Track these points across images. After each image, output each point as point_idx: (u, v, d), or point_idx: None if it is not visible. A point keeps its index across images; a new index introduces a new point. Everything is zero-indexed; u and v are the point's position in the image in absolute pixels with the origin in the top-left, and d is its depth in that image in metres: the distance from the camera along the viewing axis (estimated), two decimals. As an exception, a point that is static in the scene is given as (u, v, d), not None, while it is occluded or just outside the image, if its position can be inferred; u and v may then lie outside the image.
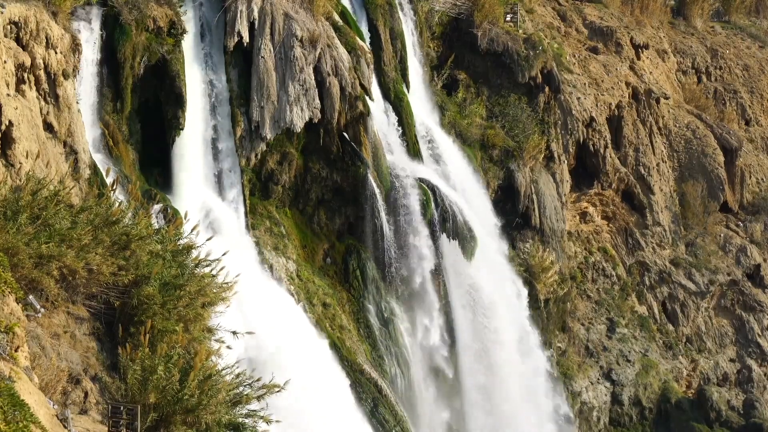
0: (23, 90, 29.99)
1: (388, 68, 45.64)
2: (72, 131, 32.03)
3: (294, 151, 41.11)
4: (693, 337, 57.25)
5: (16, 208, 20.52)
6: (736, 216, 61.97)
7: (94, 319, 21.42)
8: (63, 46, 31.95)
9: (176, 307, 21.23)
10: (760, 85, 68.74)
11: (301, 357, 35.20)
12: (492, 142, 49.82)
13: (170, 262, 22.20)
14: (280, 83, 39.64)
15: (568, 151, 53.74)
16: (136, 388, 19.13)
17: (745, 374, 57.18)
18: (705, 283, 57.71)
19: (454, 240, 44.16)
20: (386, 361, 41.65)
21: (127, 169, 35.64)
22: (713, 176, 60.43)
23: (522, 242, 50.20)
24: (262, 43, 39.44)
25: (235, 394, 20.57)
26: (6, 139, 28.14)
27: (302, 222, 42.12)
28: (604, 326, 54.23)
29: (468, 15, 51.44)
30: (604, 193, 56.22)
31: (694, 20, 69.69)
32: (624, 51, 60.61)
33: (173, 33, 37.19)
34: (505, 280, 47.67)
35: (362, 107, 41.54)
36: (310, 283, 40.74)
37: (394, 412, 39.96)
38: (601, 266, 55.60)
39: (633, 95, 58.31)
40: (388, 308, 42.43)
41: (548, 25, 58.70)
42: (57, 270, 20.37)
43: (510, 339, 46.60)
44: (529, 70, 51.20)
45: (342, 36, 42.27)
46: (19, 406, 14.92)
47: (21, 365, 16.87)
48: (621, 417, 52.79)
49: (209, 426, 19.47)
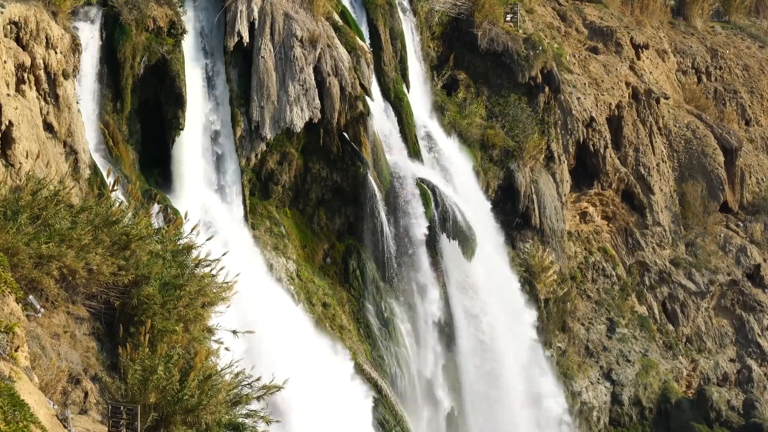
0: (23, 90, 29.97)
1: (388, 68, 45.64)
2: (72, 131, 32.02)
3: (294, 151, 41.10)
4: (693, 337, 57.26)
5: (16, 208, 20.52)
6: (736, 216, 61.97)
7: (94, 319, 21.42)
8: (63, 46, 31.95)
9: (176, 307, 21.23)
10: (760, 85, 68.74)
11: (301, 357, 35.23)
12: (492, 142, 49.82)
13: (170, 262, 22.20)
14: (280, 83, 39.64)
15: (568, 151, 53.75)
16: (136, 388, 19.13)
17: (745, 374, 57.18)
18: (705, 283, 57.71)
19: (454, 240, 44.17)
20: (386, 361, 41.66)
21: (127, 169, 35.63)
22: (713, 176, 60.43)
23: (522, 242, 50.21)
24: (262, 43, 39.44)
25: (235, 394, 20.57)
26: (6, 139, 28.13)
27: (302, 222, 42.12)
28: (604, 326, 54.23)
29: (468, 15, 51.44)
30: (604, 193, 56.22)
31: (694, 20, 69.70)
32: (624, 51, 60.61)
33: (173, 33, 37.18)
34: (505, 279, 47.67)
35: (362, 107, 41.53)
36: (310, 283, 40.74)
37: (394, 412, 39.97)
38: (601, 266, 55.60)
39: (633, 95, 58.32)
40: (388, 308, 42.43)
41: (548, 25, 58.70)
42: (57, 270, 20.37)
43: (510, 339, 46.60)
44: (529, 70, 51.20)
45: (342, 36, 42.27)
46: (19, 406, 14.91)
47: (21, 365, 16.86)
48: (621, 417, 52.79)
49: (209, 426, 19.47)
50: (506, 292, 47.39)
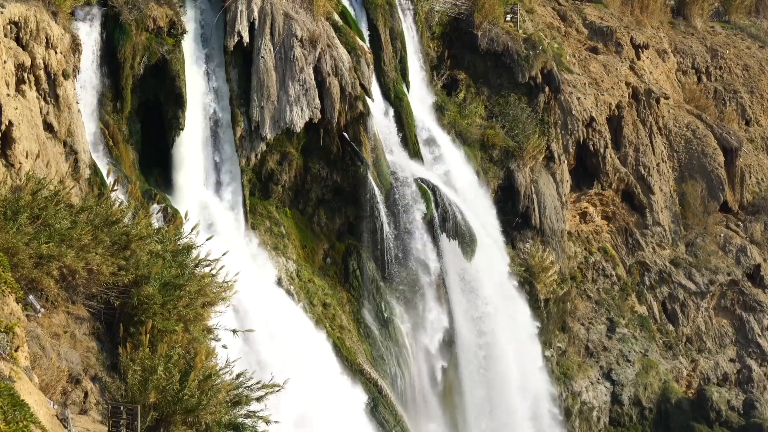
0: (23, 90, 29.98)
1: (388, 68, 45.63)
2: (72, 131, 32.02)
3: (294, 151, 41.10)
4: (693, 337, 57.26)
5: (16, 208, 20.52)
6: (736, 216, 61.97)
7: (94, 319, 21.43)
8: (63, 46, 31.95)
9: (176, 307, 21.25)
10: (760, 85, 68.73)
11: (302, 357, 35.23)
12: (492, 142, 49.82)
13: (170, 262, 22.21)
14: (280, 83, 39.64)
15: (568, 151, 53.74)
16: (136, 388, 19.13)
17: (745, 374, 57.18)
18: (705, 283, 57.71)
19: (454, 240, 44.17)
20: (386, 361, 41.65)
21: (127, 169, 35.63)
22: (713, 176, 60.43)
23: (522, 242, 50.20)
24: (262, 43, 39.44)
25: (235, 394, 20.58)
26: (6, 139, 28.13)
27: (302, 222, 42.12)
28: (604, 326, 54.23)
29: (468, 15, 51.42)
30: (604, 193, 56.22)
31: (694, 20, 69.69)
32: (624, 51, 60.61)
33: (173, 33, 37.18)
34: (505, 279, 47.66)
35: (362, 107, 41.53)
36: (310, 283, 40.74)
37: (394, 412, 39.97)
38: (601, 266, 55.60)
39: (633, 95, 58.31)
40: (388, 308, 42.43)
41: (548, 25, 58.69)
42: (57, 270, 20.38)
43: (510, 338, 46.60)
44: (529, 70, 51.19)
45: (342, 36, 42.27)
46: (19, 406, 14.91)
47: (21, 365, 16.86)
48: (621, 417, 52.79)
49: (209, 426, 19.47)
50: (506, 292, 47.38)
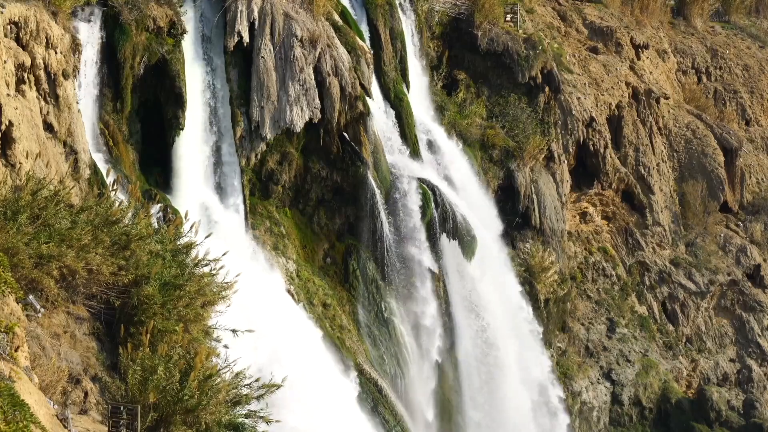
0: (23, 90, 29.97)
1: (388, 68, 45.63)
2: (72, 131, 32.02)
3: (294, 151, 41.11)
4: (693, 337, 57.26)
5: (16, 208, 20.53)
6: (736, 216, 61.97)
7: (94, 319, 21.43)
8: (63, 46, 31.95)
9: (176, 307, 21.25)
10: (760, 85, 68.73)
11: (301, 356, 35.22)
12: (492, 142, 49.81)
13: (170, 261, 22.22)
14: (280, 83, 39.64)
15: (568, 151, 53.75)
16: (136, 388, 19.14)
17: (745, 374, 57.18)
18: (705, 283, 57.71)
19: (454, 240, 44.16)
20: (386, 361, 41.66)
21: (127, 169, 35.63)
22: (713, 176, 60.43)
23: (522, 242, 50.20)
24: (262, 43, 39.45)
25: (235, 394, 20.58)
26: (6, 139, 28.12)
27: (302, 222, 42.12)
28: (604, 326, 54.24)
29: (468, 15, 51.41)
30: (604, 193, 56.22)
31: (694, 20, 69.68)
32: (624, 51, 60.61)
33: (173, 33, 37.17)
34: (506, 279, 47.67)
35: (362, 107, 41.54)
36: (310, 283, 40.75)
37: (394, 412, 39.97)
38: (601, 266, 55.60)
39: (633, 95, 58.31)
40: (388, 308, 42.43)
41: (548, 25, 58.69)
42: (57, 270, 20.38)
43: (510, 338, 46.60)
44: (529, 70, 51.18)
45: (342, 36, 42.27)
46: (19, 406, 14.91)
47: (21, 365, 16.87)
48: (621, 417, 52.79)
49: (209, 426, 19.48)
50: (507, 292, 47.38)
